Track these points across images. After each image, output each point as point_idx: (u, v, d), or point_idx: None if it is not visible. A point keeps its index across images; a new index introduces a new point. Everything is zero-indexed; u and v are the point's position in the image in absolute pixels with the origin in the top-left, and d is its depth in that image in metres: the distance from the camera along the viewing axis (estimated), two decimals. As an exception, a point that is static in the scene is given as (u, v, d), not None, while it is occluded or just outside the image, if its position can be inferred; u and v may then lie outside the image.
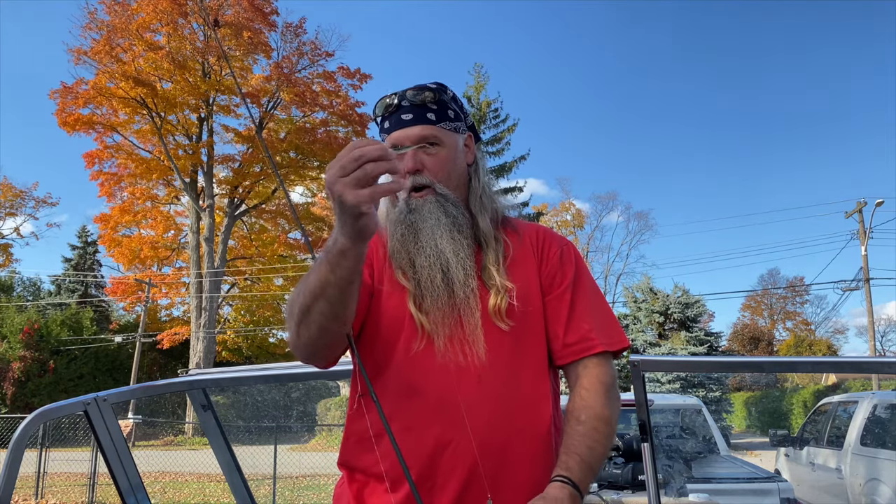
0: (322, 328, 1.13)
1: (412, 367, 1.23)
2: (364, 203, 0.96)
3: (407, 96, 1.31)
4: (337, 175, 0.96)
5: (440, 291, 1.23)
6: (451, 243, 1.25)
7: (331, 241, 1.06)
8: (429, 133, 1.30)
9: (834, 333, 49.25)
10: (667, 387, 20.05)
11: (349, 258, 1.04)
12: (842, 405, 7.80)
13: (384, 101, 1.34)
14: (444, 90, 1.33)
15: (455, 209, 1.29)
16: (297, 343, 1.19)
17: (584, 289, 1.32)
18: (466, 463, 1.18)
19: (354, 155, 0.95)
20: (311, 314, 1.12)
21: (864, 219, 23.17)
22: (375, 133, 1.46)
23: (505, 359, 1.23)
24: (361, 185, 0.96)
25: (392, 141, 1.32)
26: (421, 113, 1.30)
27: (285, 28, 25.99)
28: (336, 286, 1.07)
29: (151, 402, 24.12)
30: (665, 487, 3.19)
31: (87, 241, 37.19)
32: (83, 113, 24.29)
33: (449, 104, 1.34)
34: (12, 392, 25.18)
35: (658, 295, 23.40)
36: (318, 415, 25.55)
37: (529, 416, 1.23)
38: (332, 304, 1.10)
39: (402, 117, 1.31)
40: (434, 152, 1.30)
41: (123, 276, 31.13)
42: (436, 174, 1.30)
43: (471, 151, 1.40)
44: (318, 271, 1.09)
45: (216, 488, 11.62)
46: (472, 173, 1.38)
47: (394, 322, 1.26)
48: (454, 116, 1.35)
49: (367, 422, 1.23)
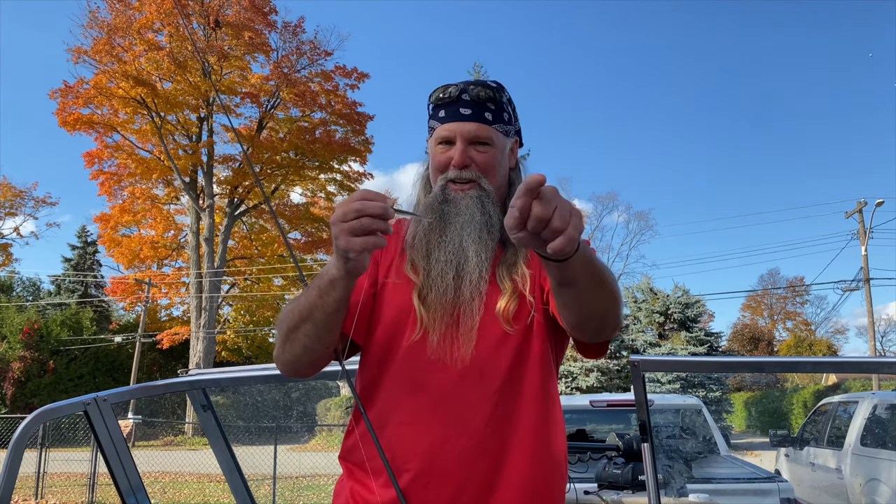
0: (306, 348, 1.20)
1: (411, 362, 1.24)
2: (353, 251, 1.03)
3: (469, 91, 1.31)
4: (338, 219, 1.03)
5: (447, 289, 1.24)
6: (475, 243, 1.25)
7: (325, 269, 1.13)
8: (483, 133, 1.31)
9: (834, 333, 49.33)
10: (667, 387, 20.04)
11: (338, 289, 1.11)
12: (842, 405, 7.80)
13: (445, 89, 1.33)
14: (503, 91, 1.34)
15: (493, 208, 1.30)
16: (281, 357, 1.25)
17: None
18: (463, 461, 1.18)
19: (356, 206, 1.01)
20: (297, 334, 1.19)
21: (864, 219, 23.18)
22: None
23: (507, 360, 1.23)
24: (356, 234, 1.01)
25: (445, 133, 1.32)
26: (479, 111, 1.31)
27: (284, 28, 26.02)
28: (323, 311, 1.14)
29: (151, 402, 24.11)
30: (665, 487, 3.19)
31: (86, 241, 37.15)
32: (83, 113, 24.30)
33: (505, 107, 1.35)
34: (12, 392, 25.17)
35: (658, 295, 23.39)
36: (318, 415, 25.54)
37: (529, 417, 1.24)
38: (317, 328, 1.17)
39: (461, 111, 1.31)
40: (484, 151, 1.31)
41: (123, 276, 31.12)
42: (483, 171, 1.31)
43: (514, 156, 1.41)
44: (309, 295, 1.15)
45: (216, 488, 11.61)
46: (514, 177, 1.40)
47: (398, 315, 1.27)
48: (507, 119, 1.36)
49: (365, 419, 1.24)
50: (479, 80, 1.33)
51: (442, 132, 1.32)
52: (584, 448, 3.25)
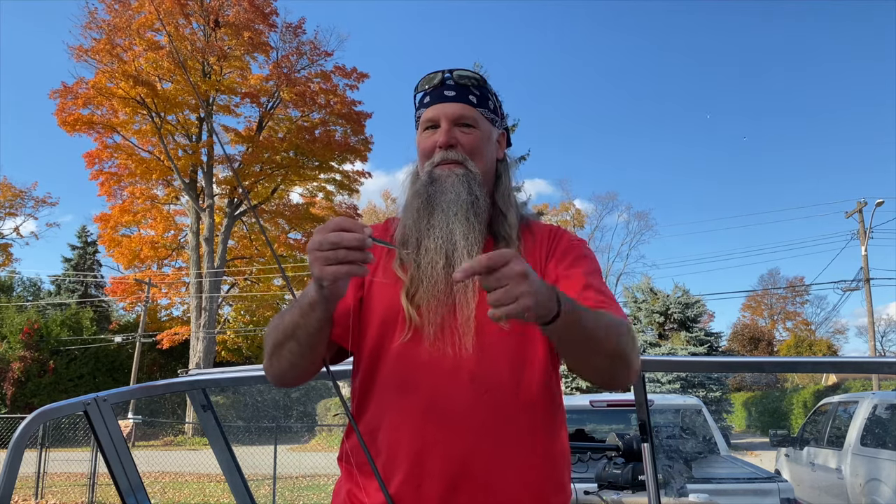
0: (292, 364, 1.22)
1: (402, 364, 1.21)
2: (327, 279, 1.04)
3: (453, 75, 1.32)
4: (314, 247, 1.04)
5: (438, 279, 1.20)
6: (462, 225, 1.22)
7: (306, 289, 1.14)
8: (468, 113, 1.30)
9: (834, 333, 49.31)
10: (667, 387, 20.04)
11: (317, 311, 1.12)
12: (842, 405, 7.79)
13: (429, 77, 1.34)
14: (487, 82, 1.35)
15: (479, 190, 1.27)
16: (269, 370, 1.26)
17: (594, 277, 1.26)
18: (455, 464, 1.16)
19: (332, 238, 1.02)
20: (282, 350, 1.20)
21: (864, 219, 23.20)
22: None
23: (505, 359, 1.20)
24: (330, 263, 1.02)
25: (430, 115, 1.31)
26: (463, 93, 1.31)
27: (285, 28, 26.02)
28: (305, 330, 1.15)
29: (151, 402, 24.10)
30: (665, 487, 3.19)
31: (86, 241, 37.15)
32: (83, 113, 24.29)
33: (490, 96, 1.35)
34: (12, 392, 25.16)
35: (658, 295, 23.39)
36: (318, 415, 25.54)
37: (527, 418, 1.20)
38: (300, 346, 1.18)
39: (445, 93, 1.31)
40: (469, 132, 1.30)
41: (123, 276, 31.11)
42: (469, 152, 1.29)
43: (502, 149, 1.40)
44: (292, 314, 1.17)
45: (216, 488, 11.62)
46: (501, 169, 1.38)
47: (386, 315, 1.24)
48: (492, 108, 1.36)
49: (362, 420, 1.24)
50: (463, 68, 1.33)
51: (426, 115, 1.32)
52: (584, 448, 3.25)
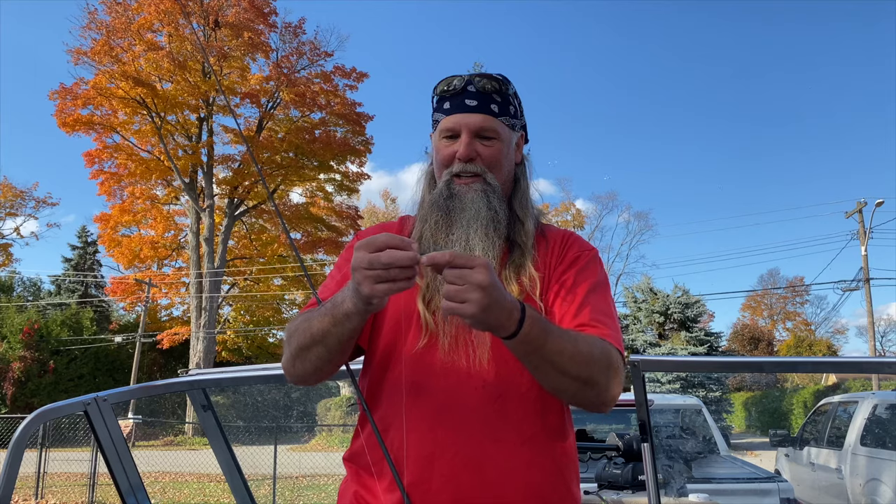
0: (317, 367, 1.21)
1: (414, 367, 1.21)
2: (377, 297, 1.02)
3: (474, 82, 1.29)
4: (363, 265, 1.00)
5: None
6: (482, 241, 1.22)
7: (340, 297, 1.10)
8: (489, 125, 1.28)
9: (834, 333, 49.33)
10: (667, 387, 20.06)
11: (353, 321, 1.10)
12: (842, 405, 7.80)
13: (450, 81, 1.31)
14: (508, 84, 1.32)
15: (499, 204, 1.26)
16: (291, 371, 1.24)
17: (596, 294, 1.25)
18: (465, 468, 1.16)
19: (384, 259, 0.98)
20: (308, 354, 1.18)
21: (864, 219, 23.19)
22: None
23: (519, 366, 1.19)
24: (381, 281, 1.00)
25: (449, 125, 1.29)
26: (485, 102, 1.28)
27: (284, 28, 26.02)
28: (337, 338, 1.14)
29: (151, 402, 24.12)
30: (665, 487, 3.19)
31: (87, 241, 37.15)
32: (83, 113, 24.29)
33: (511, 100, 1.32)
34: (12, 392, 25.16)
35: (658, 295, 23.40)
36: (318, 415, 25.57)
37: (538, 424, 1.21)
38: (329, 352, 1.17)
39: (466, 102, 1.28)
40: (489, 144, 1.28)
41: (123, 276, 31.10)
42: (489, 165, 1.28)
43: (520, 151, 1.38)
44: (322, 321, 1.14)
45: (216, 488, 11.61)
46: (519, 173, 1.37)
47: (402, 319, 1.24)
48: (513, 113, 1.33)
49: (371, 422, 1.23)
50: (484, 73, 1.30)
51: (446, 124, 1.29)
52: (584, 448, 3.26)
